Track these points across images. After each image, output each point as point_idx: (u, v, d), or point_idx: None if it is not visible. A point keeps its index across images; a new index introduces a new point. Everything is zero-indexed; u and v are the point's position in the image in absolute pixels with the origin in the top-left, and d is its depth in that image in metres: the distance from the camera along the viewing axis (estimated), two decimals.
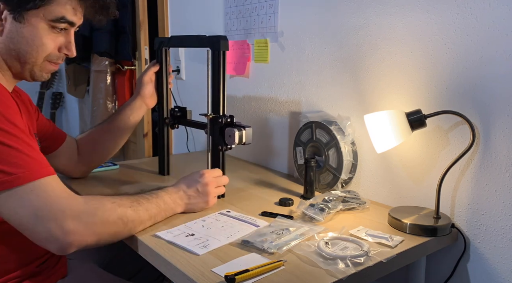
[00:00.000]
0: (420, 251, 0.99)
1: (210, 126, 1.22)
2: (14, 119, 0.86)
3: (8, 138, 0.83)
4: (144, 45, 2.42)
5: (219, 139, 1.21)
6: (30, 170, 0.84)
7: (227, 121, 1.21)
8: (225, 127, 1.20)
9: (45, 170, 0.87)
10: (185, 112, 1.43)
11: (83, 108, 3.14)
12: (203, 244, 0.93)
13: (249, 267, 0.81)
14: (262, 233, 0.96)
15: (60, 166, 1.28)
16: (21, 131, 0.86)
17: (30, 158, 0.85)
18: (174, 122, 1.44)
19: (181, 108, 1.42)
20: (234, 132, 1.17)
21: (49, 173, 0.87)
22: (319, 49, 1.40)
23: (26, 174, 0.83)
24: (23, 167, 0.83)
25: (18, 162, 0.83)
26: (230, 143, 1.19)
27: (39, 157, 0.88)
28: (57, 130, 1.27)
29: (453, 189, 1.09)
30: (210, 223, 1.04)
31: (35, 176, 0.84)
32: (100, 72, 2.76)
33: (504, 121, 0.98)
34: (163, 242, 0.94)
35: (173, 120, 1.43)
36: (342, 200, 1.14)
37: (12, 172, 0.82)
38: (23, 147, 0.85)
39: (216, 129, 1.21)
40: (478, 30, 1.01)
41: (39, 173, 0.85)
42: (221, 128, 1.20)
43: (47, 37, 0.96)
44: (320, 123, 1.29)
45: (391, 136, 1.05)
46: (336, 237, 0.96)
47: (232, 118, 1.22)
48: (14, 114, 0.88)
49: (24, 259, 0.99)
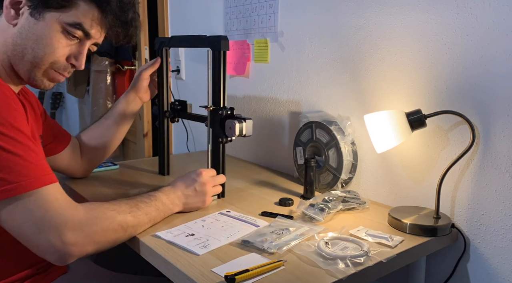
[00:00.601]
0: (420, 251, 0.99)
1: (210, 118, 1.22)
2: (18, 123, 0.84)
3: (11, 143, 0.82)
4: (144, 45, 2.42)
5: (219, 131, 1.20)
6: (32, 178, 0.82)
7: (228, 113, 1.20)
8: (226, 119, 1.19)
9: (47, 177, 0.85)
10: (185, 105, 1.42)
11: (83, 108, 3.14)
12: (203, 244, 0.93)
13: (249, 267, 0.81)
14: (262, 233, 0.96)
15: (63, 166, 1.28)
16: (24, 136, 0.85)
17: (32, 165, 0.83)
18: (174, 116, 1.43)
19: (181, 101, 1.42)
20: (235, 124, 1.16)
21: (51, 181, 0.86)
22: (319, 49, 1.40)
23: (27, 183, 0.81)
24: (25, 175, 0.82)
25: (20, 170, 0.81)
26: (231, 135, 1.18)
27: (41, 163, 0.86)
28: (62, 132, 1.27)
29: (453, 189, 1.09)
30: (210, 223, 1.04)
31: (36, 184, 0.83)
32: (100, 72, 2.76)
33: (504, 121, 0.98)
34: (163, 242, 0.94)
35: (173, 113, 1.43)
36: (342, 200, 1.14)
37: (13, 180, 0.80)
38: (26, 153, 0.83)
39: (217, 121, 1.20)
40: (478, 30, 1.01)
41: (41, 181, 0.84)
42: (222, 120, 1.20)
43: (57, 39, 0.93)
44: (320, 123, 1.29)
45: (391, 136, 1.05)
46: (336, 237, 0.96)
47: (232, 110, 1.21)
48: (19, 117, 0.86)
49: (24, 265, 0.99)
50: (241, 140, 1.77)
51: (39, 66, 0.95)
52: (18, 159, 0.82)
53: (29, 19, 0.92)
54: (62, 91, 3.58)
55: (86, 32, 0.96)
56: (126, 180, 1.39)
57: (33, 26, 0.92)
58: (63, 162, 1.26)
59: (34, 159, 0.84)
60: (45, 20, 0.92)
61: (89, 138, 1.33)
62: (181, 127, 2.11)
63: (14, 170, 0.81)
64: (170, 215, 1.07)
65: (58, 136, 1.24)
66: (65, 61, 0.97)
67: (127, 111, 1.35)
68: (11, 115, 0.84)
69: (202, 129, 2.02)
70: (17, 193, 0.81)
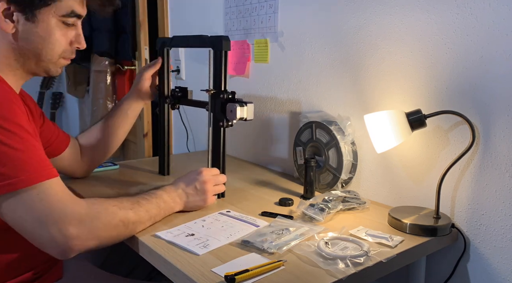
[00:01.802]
0: (420, 251, 0.99)
1: (211, 102, 1.21)
2: (19, 119, 0.85)
3: (11, 138, 0.82)
4: (144, 45, 2.42)
5: (220, 115, 1.19)
6: (33, 173, 0.82)
7: (229, 97, 1.19)
8: (227, 102, 1.18)
9: (48, 171, 0.86)
10: (186, 92, 1.40)
11: (83, 108, 3.14)
12: (203, 244, 0.93)
13: (249, 267, 0.81)
14: (262, 233, 0.96)
15: (63, 167, 1.28)
16: (25, 131, 0.85)
17: (33, 160, 0.84)
18: (175, 102, 1.42)
19: (182, 88, 1.40)
20: (236, 107, 1.15)
21: (52, 175, 0.86)
22: (319, 49, 1.40)
23: (28, 177, 0.82)
24: (26, 170, 0.82)
25: (21, 164, 0.82)
26: (232, 119, 1.17)
27: (42, 158, 0.87)
28: (61, 134, 1.26)
29: (453, 189, 1.09)
30: (210, 223, 1.04)
31: (38, 178, 0.83)
32: (100, 72, 2.75)
33: (504, 121, 0.98)
34: (163, 242, 0.94)
35: (173, 100, 1.41)
36: (342, 200, 1.14)
37: (14, 175, 0.81)
38: (26, 148, 0.84)
39: (218, 104, 1.19)
40: (478, 30, 1.01)
41: (42, 175, 0.84)
42: (223, 104, 1.19)
43: (59, 32, 0.96)
44: (320, 123, 1.29)
45: (391, 136, 1.05)
46: (336, 237, 0.96)
47: (233, 94, 1.20)
48: (20, 113, 0.86)
49: (20, 270, 0.99)
50: (241, 139, 1.77)
51: (52, 60, 0.99)
52: (19, 154, 0.82)
53: (27, 24, 0.93)
54: (62, 91, 3.58)
55: (78, 15, 0.99)
56: (126, 180, 1.39)
57: (34, 29, 0.94)
58: (63, 163, 1.26)
59: (34, 154, 0.85)
60: (42, 20, 0.93)
61: (89, 139, 1.33)
62: (181, 127, 2.11)
63: (15, 164, 0.81)
64: (171, 213, 1.07)
65: (58, 139, 1.23)
66: (70, 47, 1.01)
67: (129, 111, 1.35)
68: (12, 111, 0.85)
69: (202, 129, 2.02)
70: (18, 187, 0.81)
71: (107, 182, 1.36)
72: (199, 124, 2.03)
